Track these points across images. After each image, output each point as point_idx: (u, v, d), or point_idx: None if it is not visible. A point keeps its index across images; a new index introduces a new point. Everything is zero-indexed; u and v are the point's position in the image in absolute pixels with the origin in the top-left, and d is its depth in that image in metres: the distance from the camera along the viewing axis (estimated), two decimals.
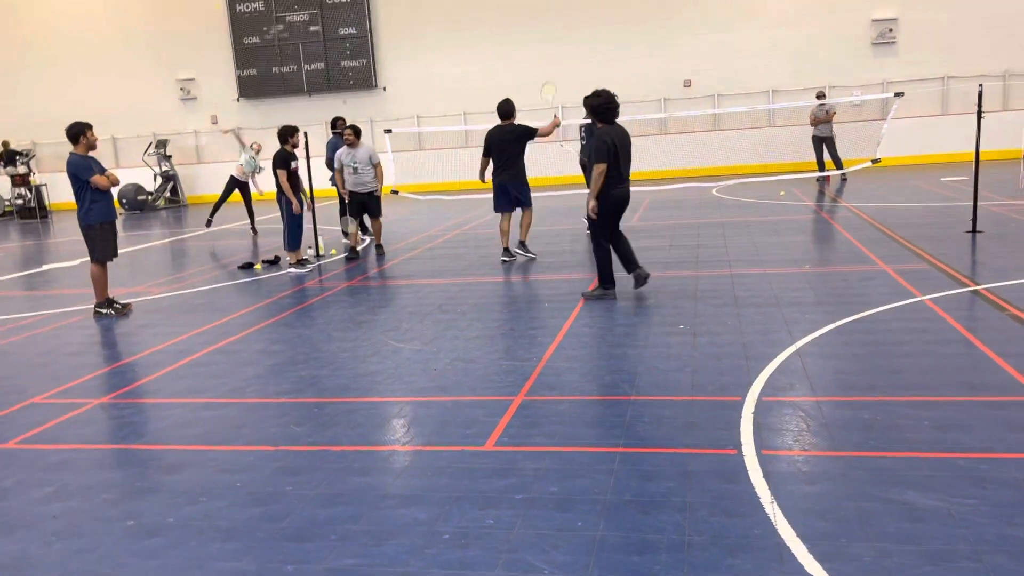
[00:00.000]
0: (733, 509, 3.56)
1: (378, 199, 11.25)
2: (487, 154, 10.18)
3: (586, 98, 7.83)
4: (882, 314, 6.58)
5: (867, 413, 4.55)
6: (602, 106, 7.55)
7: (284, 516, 3.78)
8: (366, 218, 11.73)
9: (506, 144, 9.98)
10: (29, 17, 24.92)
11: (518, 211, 10.34)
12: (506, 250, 10.27)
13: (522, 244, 10.43)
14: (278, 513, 3.81)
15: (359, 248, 11.75)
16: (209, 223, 16.24)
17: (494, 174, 10.15)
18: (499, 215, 10.38)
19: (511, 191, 10.08)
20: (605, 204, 7.64)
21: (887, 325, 6.28)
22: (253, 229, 15.23)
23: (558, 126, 10.32)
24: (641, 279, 7.80)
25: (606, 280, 7.85)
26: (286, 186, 10.51)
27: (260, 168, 15.24)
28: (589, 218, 7.85)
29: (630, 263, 7.85)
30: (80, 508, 4.01)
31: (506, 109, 10.10)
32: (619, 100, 7.71)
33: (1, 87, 25.33)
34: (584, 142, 12.31)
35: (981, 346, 5.62)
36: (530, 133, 10.03)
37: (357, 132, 11.06)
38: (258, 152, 15.43)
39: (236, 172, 15.24)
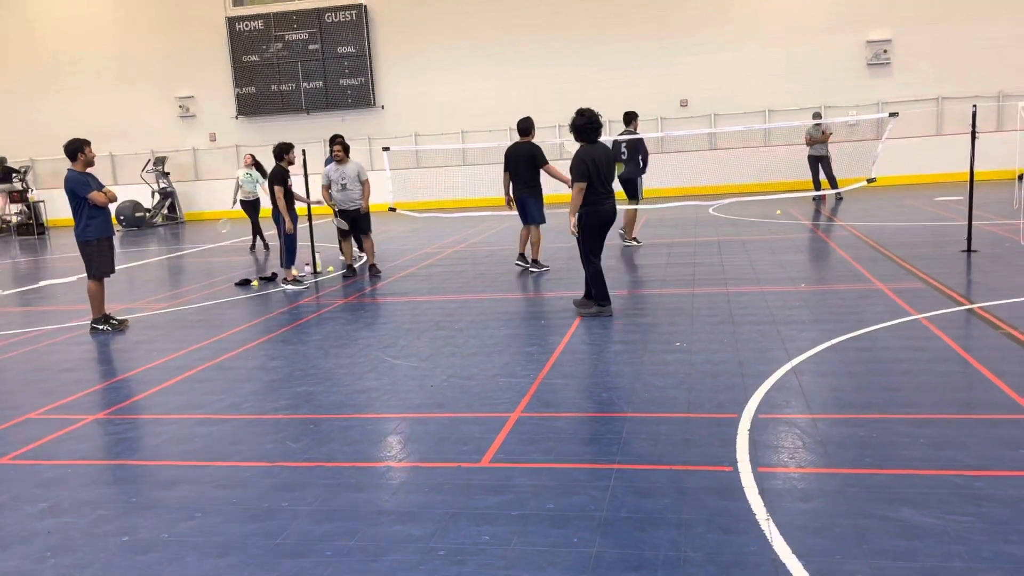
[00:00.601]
0: (729, 526, 3.56)
1: (367, 216, 11.27)
2: (506, 169, 10.59)
3: (574, 114, 7.79)
4: (878, 332, 6.60)
5: (863, 430, 4.56)
6: (585, 126, 7.61)
7: (280, 532, 3.77)
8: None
9: (518, 160, 10.42)
10: (29, 35, 25.04)
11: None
12: (521, 255, 10.82)
13: (534, 262, 10.70)
14: (274, 529, 3.80)
15: (355, 265, 11.77)
16: (266, 246, 15.51)
17: (513, 190, 10.59)
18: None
19: (522, 203, 10.50)
20: (593, 221, 7.71)
21: (883, 343, 6.29)
22: (254, 246, 15.28)
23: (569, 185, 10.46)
24: (595, 311, 7.86)
25: (601, 296, 7.87)
26: (282, 203, 10.52)
27: (260, 180, 15.20)
28: (577, 234, 7.89)
29: (590, 292, 7.98)
30: (75, 524, 4.00)
31: (523, 126, 10.59)
32: (604, 119, 7.96)
33: (1, 103, 25.40)
34: (624, 157, 12.70)
35: (976, 364, 5.64)
36: (538, 160, 10.35)
37: (346, 149, 11.21)
38: (250, 164, 15.39)
39: (242, 194, 15.32)
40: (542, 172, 10.45)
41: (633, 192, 12.75)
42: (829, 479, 3.99)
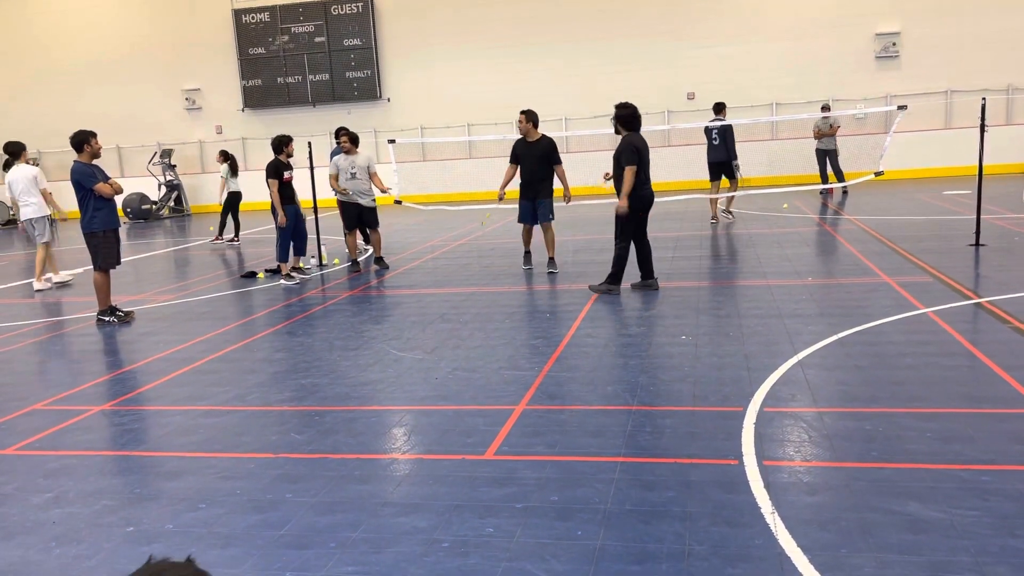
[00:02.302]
0: (734, 519, 3.54)
1: (374, 210, 11.22)
2: None
3: (616, 107, 8.50)
4: (885, 326, 6.57)
5: (869, 424, 4.53)
6: (631, 116, 8.41)
7: (284, 523, 3.77)
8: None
9: None
10: (36, 27, 25.04)
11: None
12: (550, 259, 10.56)
13: (527, 253, 10.61)
14: (278, 520, 3.80)
15: (360, 259, 11.76)
16: (221, 238, 15.78)
17: None
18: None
19: None
20: (636, 204, 8.36)
21: (889, 337, 6.26)
22: (234, 238, 15.43)
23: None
24: (651, 288, 8.52)
25: (614, 278, 8.42)
26: (275, 197, 10.47)
27: (226, 175, 15.68)
28: (627, 214, 8.36)
29: (646, 272, 8.61)
30: (80, 514, 4.01)
31: None
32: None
33: (8, 95, 25.44)
34: (717, 142, 13.21)
35: (984, 358, 5.60)
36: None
37: (355, 140, 11.15)
38: (222, 162, 15.80)
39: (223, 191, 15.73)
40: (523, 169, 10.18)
41: (730, 173, 13.41)
42: (835, 473, 3.97)
